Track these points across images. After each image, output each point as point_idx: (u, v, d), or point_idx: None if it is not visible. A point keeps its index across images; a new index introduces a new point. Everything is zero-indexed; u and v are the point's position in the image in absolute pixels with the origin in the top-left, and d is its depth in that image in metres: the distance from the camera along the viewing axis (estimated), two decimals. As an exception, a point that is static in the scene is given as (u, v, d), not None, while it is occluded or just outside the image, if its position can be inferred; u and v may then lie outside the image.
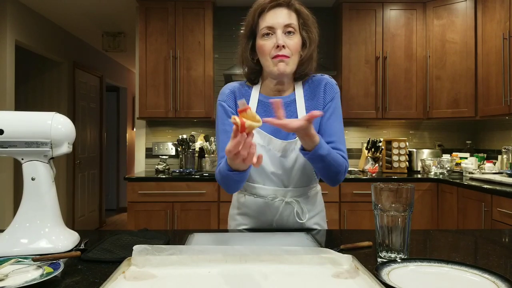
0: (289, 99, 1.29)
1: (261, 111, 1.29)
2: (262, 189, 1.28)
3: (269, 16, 1.19)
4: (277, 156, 1.24)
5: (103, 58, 5.95)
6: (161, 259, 0.85)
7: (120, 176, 6.88)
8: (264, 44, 1.19)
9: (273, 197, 1.27)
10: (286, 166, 1.25)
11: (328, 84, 1.29)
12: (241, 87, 1.33)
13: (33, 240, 1.00)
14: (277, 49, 1.17)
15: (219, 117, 1.30)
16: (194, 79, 3.52)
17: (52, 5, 3.93)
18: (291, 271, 0.83)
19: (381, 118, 3.57)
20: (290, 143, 1.23)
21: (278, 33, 1.17)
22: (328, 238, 1.21)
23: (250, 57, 1.27)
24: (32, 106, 4.68)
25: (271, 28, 1.18)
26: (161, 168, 3.57)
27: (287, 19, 1.19)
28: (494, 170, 3.15)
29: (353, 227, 3.17)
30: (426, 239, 1.20)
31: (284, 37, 1.18)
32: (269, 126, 1.23)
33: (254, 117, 0.91)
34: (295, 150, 1.24)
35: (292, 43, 1.19)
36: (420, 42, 3.57)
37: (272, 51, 1.18)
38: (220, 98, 1.32)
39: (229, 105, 1.29)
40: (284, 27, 1.18)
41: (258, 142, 1.24)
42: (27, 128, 1.02)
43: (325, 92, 1.28)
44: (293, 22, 1.20)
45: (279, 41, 1.16)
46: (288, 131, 1.02)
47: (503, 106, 2.91)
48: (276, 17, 1.18)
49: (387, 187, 0.91)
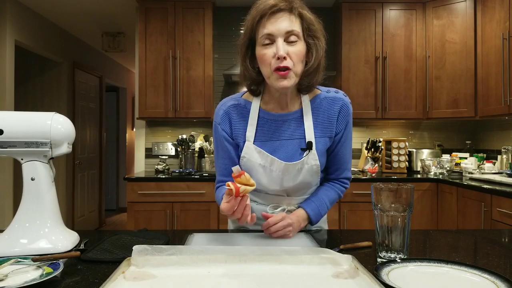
0: (296, 116, 1.20)
1: (261, 130, 1.20)
2: (264, 197, 1.27)
3: (269, 22, 1.08)
4: (279, 176, 1.19)
5: (103, 58, 5.95)
6: (161, 259, 0.85)
7: (120, 176, 6.88)
8: (265, 53, 1.09)
9: (275, 205, 1.26)
10: (287, 184, 1.21)
11: (343, 107, 1.20)
12: (237, 104, 1.23)
13: (33, 240, 1.00)
14: (278, 60, 1.07)
15: (215, 138, 1.27)
16: (193, 79, 3.52)
17: (52, 5, 3.93)
18: (291, 271, 0.83)
19: (381, 118, 3.57)
20: (294, 164, 1.17)
21: (279, 42, 1.07)
22: (328, 238, 1.21)
23: (251, 66, 1.16)
24: (32, 106, 4.67)
25: (271, 36, 1.08)
26: (161, 168, 3.57)
27: (288, 25, 1.08)
28: (494, 170, 3.15)
29: (353, 227, 3.17)
30: (425, 239, 1.20)
31: (286, 45, 1.08)
32: (270, 146, 1.19)
33: (249, 181, 0.97)
34: (298, 170, 1.18)
35: (294, 51, 1.08)
36: (419, 42, 3.57)
37: (272, 62, 1.08)
38: (215, 119, 1.26)
39: (223, 128, 1.23)
40: (286, 34, 1.08)
41: (259, 162, 1.18)
42: (26, 128, 1.01)
43: (339, 116, 1.20)
44: (295, 28, 1.08)
45: (279, 52, 1.06)
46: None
47: (502, 106, 2.91)
48: (276, 24, 1.07)
49: (386, 187, 0.91)
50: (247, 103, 1.23)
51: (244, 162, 1.20)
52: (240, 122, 1.22)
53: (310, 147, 1.17)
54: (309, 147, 1.17)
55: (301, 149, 1.18)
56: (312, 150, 1.17)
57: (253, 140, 1.20)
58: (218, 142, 1.26)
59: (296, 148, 1.19)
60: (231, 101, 1.25)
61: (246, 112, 1.22)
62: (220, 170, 1.28)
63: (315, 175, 1.21)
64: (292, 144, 1.19)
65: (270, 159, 1.18)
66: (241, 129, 1.22)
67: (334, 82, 3.82)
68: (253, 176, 1.18)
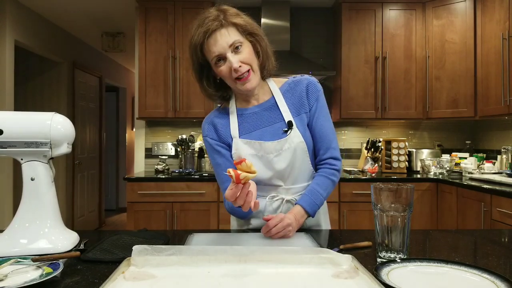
0: (269, 104, 1.29)
1: (243, 124, 1.28)
2: (262, 189, 1.28)
3: (211, 45, 1.16)
4: (270, 159, 1.24)
5: (103, 58, 5.95)
6: (161, 259, 0.85)
7: (120, 176, 6.88)
8: (221, 70, 1.18)
9: (273, 196, 1.28)
10: (280, 167, 1.24)
11: (310, 84, 1.29)
12: (218, 113, 1.34)
13: (33, 240, 1.00)
14: (235, 72, 1.16)
15: (208, 152, 1.34)
16: (193, 79, 3.50)
17: (52, 5, 3.93)
18: (290, 271, 0.83)
19: (381, 118, 3.57)
20: (280, 142, 1.24)
21: (229, 57, 1.15)
22: (328, 238, 1.21)
23: (207, 86, 1.27)
24: (32, 106, 4.67)
25: (220, 55, 1.16)
26: (161, 168, 3.57)
27: (228, 39, 1.15)
28: (494, 170, 3.15)
29: (352, 227, 3.17)
30: (425, 239, 1.20)
31: (235, 55, 1.16)
32: (255, 135, 1.26)
33: (250, 168, 0.96)
34: (287, 149, 1.24)
35: (244, 56, 1.17)
36: (419, 42, 3.57)
37: (232, 74, 1.17)
38: (203, 134, 1.33)
39: (212, 137, 1.30)
40: (230, 47, 1.15)
41: (249, 152, 1.24)
42: (26, 129, 1.01)
43: (308, 93, 1.28)
44: (235, 38, 1.16)
45: (234, 65, 1.15)
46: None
47: (502, 106, 2.91)
48: (217, 44, 1.15)
49: (386, 187, 0.91)
50: (225, 108, 1.34)
51: (235, 156, 1.26)
52: (223, 125, 1.31)
53: (291, 125, 1.25)
54: (289, 126, 1.25)
55: (284, 130, 1.25)
56: (294, 128, 1.25)
57: (238, 136, 1.27)
58: (212, 153, 1.31)
59: (279, 131, 1.26)
60: (212, 113, 1.36)
61: (227, 114, 1.32)
62: (221, 178, 1.30)
63: (303, 154, 1.26)
64: (274, 128, 1.27)
65: (258, 144, 1.25)
66: (227, 130, 1.30)
67: (333, 82, 3.82)
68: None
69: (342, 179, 3.20)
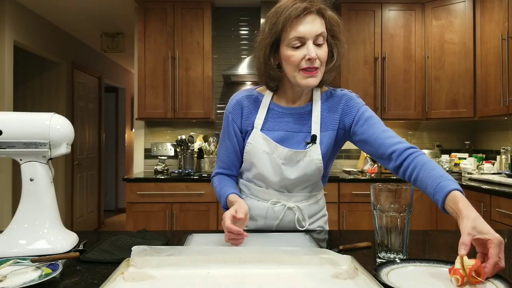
0: (305, 110, 1.25)
1: (270, 120, 1.24)
2: (265, 192, 1.27)
3: (300, 25, 1.09)
4: (279, 164, 1.21)
5: (102, 58, 5.95)
6: (160, 260, 0.85)
7: (119, 177, 6.87)
8: (293, 55, 1.11)
9: (275, 201, 1.26)
10: (287, 176, 1.22)
11: (349, 100, 1.24)
12: (250, 96, 1.27)
13: (32, 241, 1.00)
14: (308, 61, 1.10)
15: (223, 127, 1.31)
16: (193, 79, 3.52)
17: (51, 5, 3.92)
18: (290, 272, 0.83)
19: (380, 118, 3.56)
20: (296, 152, 1.20)
21: (310, 45, 1.10)
22: (327, 238, 1.21)
23: (274, 65, 1.18)
24: (31, 106, 4.67)
25: (302, 39, 1.10)
26: (160, 168, 3.56)
27: (319, 28, 1.10)
28: (493, 171, 3.15)
29: (352, 228, 3.17)
30: (425, 240, 1.20)
31: (315, 48, 1.11)
32: (277, 135, 1.22)
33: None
34: (300, 161, 1.21)
35: (322, 53, 1.12)
36: (419, 42, 3.57)
37: (302, 63, 1.11)
38: (227, 108, 1.29)
39: (233, 117, 1.27)
40: (315, 37, 1.10)
41: (264, 149, 1.22)
42: (25, 129, 1.01)
43: (346, 108, 1.23)
44: (323, 30, 1.12)
45: (311, 54, 1.09)
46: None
47: (501, 106, 2.91)
48: (308, 27, 1.09)
49: (386, 188, 0.91)
50: (259, 95, 1.28)
51: (249, 148, 1.24)
52: (251, 111, 1.26)
53: (315, 140, 1.21)
54: (313, 140, 1.21)
55: (306, 142, 1.22)
56: (316, 144, 1.21)
57: (260, 128, 1.24)
58: (225, 130, 1.29)
59: (301, 141, 1.23)
60: (244, 92, 1.30)
61: (258, 103, 1.26)
62: (221, 157, 1.31)
63: (316, 170, 1.22)
64: (297, 136, 1.23)
65: (274, 146, 1.21)
66: (251, 118, 1.26)
67: (333, 82, 3.82)
68: (256, 164, 1.23)
69: (342, 180, 3.20)
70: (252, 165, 1.26)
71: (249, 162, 1.26)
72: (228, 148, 1.29)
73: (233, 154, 1.29)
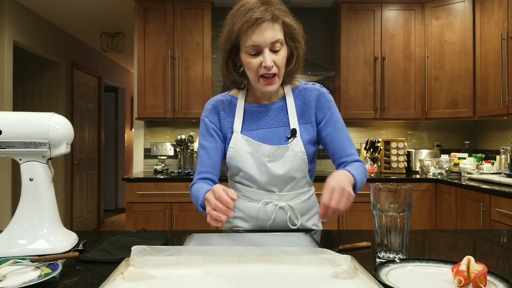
0: (279, 105, 1.27)
1: (248, 121, 1.26)
2: (256, 193, 1.26)
3: (255, 34, 1.11)
4: (264, 162, 1.22)
5: (102, 58, 5.95)
6: (160, 259, 0.85)
7: (119, 177, 6.87)
8: (251, 62, 1.14)
9: (266, 201, 1.25)
10: (274, 172, 1.22)
11: (321, 95, 1.27)
12: (224, 99, 1.30)
13: (31, 241, 1.00)
14: (265, 68, 1.13)
15: (200, 132, 1.31)
16: (192, 79, 3.52)
17: (51, 5, 3.92)
18: (289, 272, 0.83)
19: (380, 118, 3.57)
20: (280, 148, 1.22)
21: (266, 53, 1.12)
22: (327, 238, 1.21)
23: (233, 70, 1.23)
24: (30, 106, 4.67)
25: (257, 47, 1.12)
26: (160, 168, 3.56)
27: (273, 35, 1.11)
28: (493, 171, 3.16)
29: (351, 228, 3.17)
30: (424, 240, 1.20)
31: (271, 54, 1.13)
32: (257, 135, 1.24)
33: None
34: (284, 156, 1.22)
35: (279, 58, 1.14)
36: (418, 42, 3.57)
37: (260, 69, 1.14)
38: (203, 114, 1.30)
39: (211, 120, 1.28)
40: (271, 44, 1.12)
41: (246, 150, 1.22)
42: (25, 129, 1.01)
43: (318, 103, 1.26)
44: (279, 37, 1.13)
45: (267, 62, 1.11)
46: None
47: (501, 106, 2.91)
48: (262, 35, 1.10)
49: (385, 188, 0.91)
50: (233, 98, 1.30)
51: (232, 153, 1.24)
52: (227, 115, 1.28)
53: (295, 133, 1.23)
54: (293, 134, 1.23)
55: (286, 137, 1.24)
56: (297, 137, 1.23)
57: (240, 131, 1.25)
58: (204, 133, 1.29)
59: (282, 136, 1.24)
60: (218, 97, 1.33)
61: (233, 106, 1.29)
62: (201, 161, 1.27)
63: (302, 163, 1.24)
64: (277, 132, 1.25)
65: (257, 145, 1.23)
66: (229, 122, 1.28)
67: (333, 82, 3.83)
68: (242, 166, 1.23)
69: (341, 180, 3.20)
70: (238, 169, 1.25)
71: (234, 166, 1.26)
72: (208, 149, 1.26)
73: (215, 154, 1.27)
